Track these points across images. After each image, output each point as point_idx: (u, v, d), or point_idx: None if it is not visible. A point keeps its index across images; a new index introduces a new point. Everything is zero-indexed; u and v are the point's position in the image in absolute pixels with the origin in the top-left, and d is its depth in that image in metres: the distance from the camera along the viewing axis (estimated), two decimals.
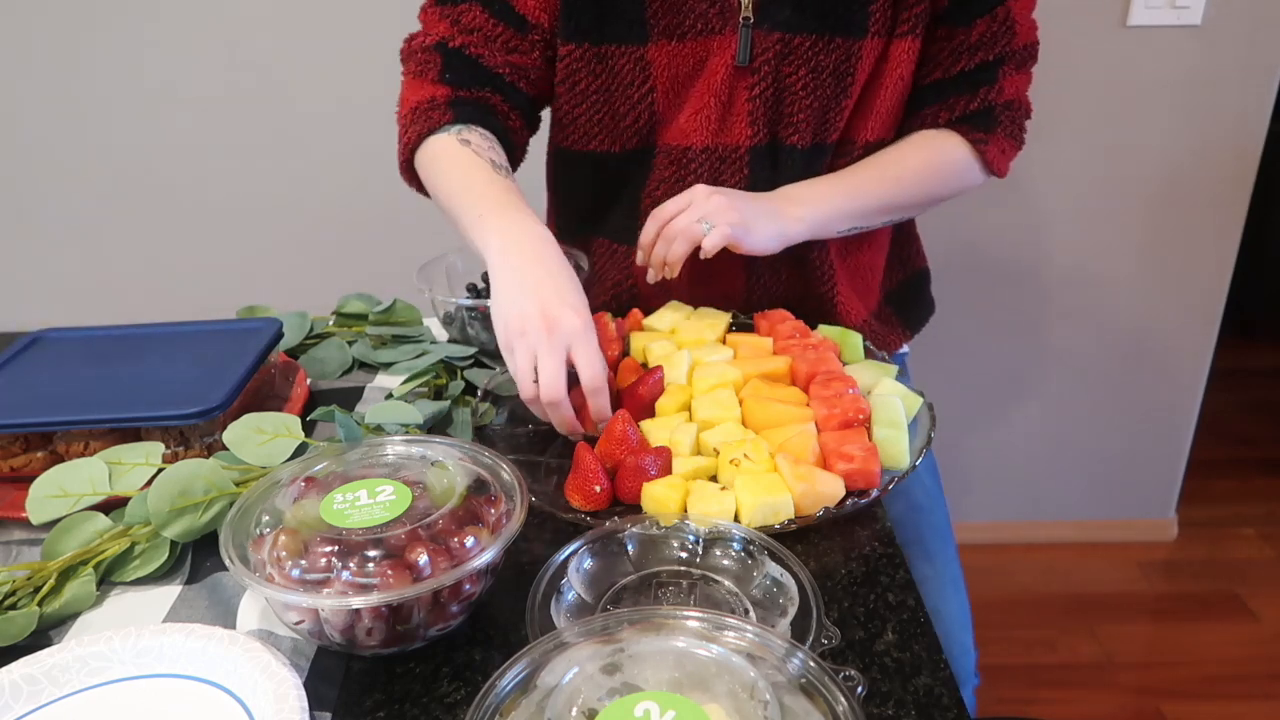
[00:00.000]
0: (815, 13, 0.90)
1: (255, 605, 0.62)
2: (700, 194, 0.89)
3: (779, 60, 0.92)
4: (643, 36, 0.93)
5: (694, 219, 0.87)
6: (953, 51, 0.95)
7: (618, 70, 0.95)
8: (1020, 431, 1.95)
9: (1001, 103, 0.97)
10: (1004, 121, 0.98)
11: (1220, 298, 1.80)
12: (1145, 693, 1.68)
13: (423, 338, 1.00)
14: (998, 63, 0.95)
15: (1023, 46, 0.96)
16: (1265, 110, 1.64)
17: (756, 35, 0.91)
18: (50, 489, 0.68)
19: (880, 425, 0.75)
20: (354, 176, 1.71)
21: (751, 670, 0.46)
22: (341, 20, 1.58)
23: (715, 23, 0.92)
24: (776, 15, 0.90)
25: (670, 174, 0.99)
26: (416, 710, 0.55)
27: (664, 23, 0.92)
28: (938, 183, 1.00)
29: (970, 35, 0.93)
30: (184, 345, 0.86)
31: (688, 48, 0.93)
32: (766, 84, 0.93)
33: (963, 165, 0.99)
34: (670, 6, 0.91)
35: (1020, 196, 1.71)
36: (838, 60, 0.92)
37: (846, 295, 1.05)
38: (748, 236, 0.88)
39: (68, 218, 1.73)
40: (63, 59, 1.60)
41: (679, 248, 0.88)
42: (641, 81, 0.95)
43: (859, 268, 1.07)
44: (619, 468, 0.72)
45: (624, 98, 0.96)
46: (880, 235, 1.08)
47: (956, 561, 0.97)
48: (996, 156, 0.99)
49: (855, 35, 0.91)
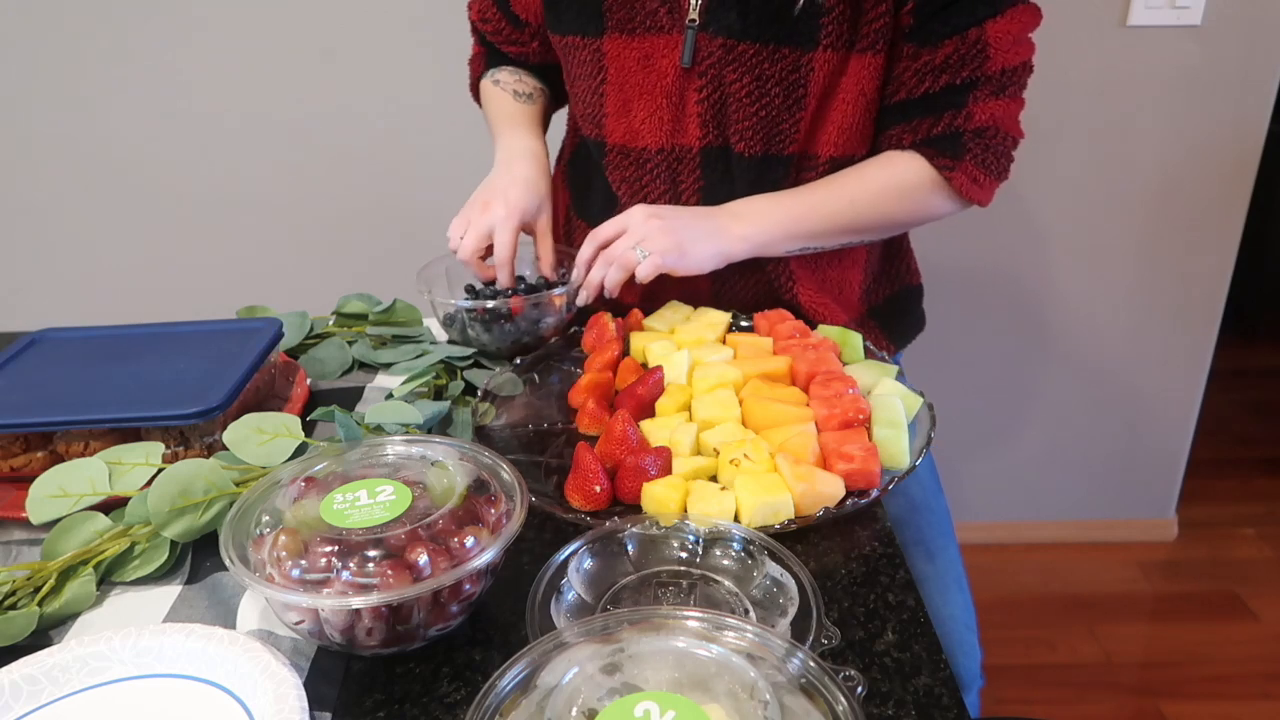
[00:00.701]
0: (759, 21, 0.89)
1: (255, 605, 0.62)
2: (637, 218, 0.91)
3: (721, 65, 0.92)
4: (599, 28, 0.96)
5: (630, 245, 0.89)
6: (916, 72, 0.91)
7: (580, 60, 0.99)
8: (1020, 431, 1.95)
9: (971, 129, 0.91)
10: (973, 149, 0.92)
11: (1220, 298, 1.80)
12: (1145, 693, 1.68)
13: (423, 338, 1.00)
14: (966, 87, 0.90)
15: (999, 72, 0.89)
16: (1265, 110, 1.64)
17: (701, 38, 0.92)
18: (50, 489, 0.68)
19: (880, 425, 0.75)
20: (354, 177, 1.71)
21: (751, 670, 0.46)
22: (342, 20, 1.58)
23: (665, 21, 0.93)
24: (722, 20, 0.90)
25: (631, 174, 1.01)
26: (416, 710, 0.55)
27: (617, 16, 0.94)
28: (896, 208, 0.96)
29: (935, 57, 0.89)
30: (184, 345, 0.86)
31: (636, 43, 0.94)
32: (711, 88, 0.93)
33: (924, 191, 0.95)
34: (624, 1, 0.93)
35: (1021, 196, 1.71)
36: (784, 70, 0.90)
37: (816, 300, 1.03)
38: (682, 260, 0.90)
39: (68, 218, 1.73)
40: (63, 59, 1.60)
41: (614, 274, 0.91)
42: (597, 72, 0.98)
43: (827, 281, 1.05)
44: (619, 468, 0.72)
45: (585, 87, 1.01)
46: (855, 252, 1.05)
47: (959, 561, 0.96)
48: (967, 185, 0.93)
49: (804, 47, 0.89)
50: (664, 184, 1.00)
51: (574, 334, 0.97)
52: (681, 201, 1.00)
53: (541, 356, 0.93)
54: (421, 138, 1.67)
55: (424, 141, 1.67)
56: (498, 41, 1.11)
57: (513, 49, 1.11)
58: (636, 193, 1.01)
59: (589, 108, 1.01)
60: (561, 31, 1.00)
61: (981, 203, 0.96)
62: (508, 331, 0.94)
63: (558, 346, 0.95)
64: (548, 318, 0.96)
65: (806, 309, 1.03)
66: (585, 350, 0.93)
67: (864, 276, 1.09)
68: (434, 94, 1.60)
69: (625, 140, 1.00)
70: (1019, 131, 0.95)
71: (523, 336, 0.95)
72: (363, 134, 1.67)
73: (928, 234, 1.19)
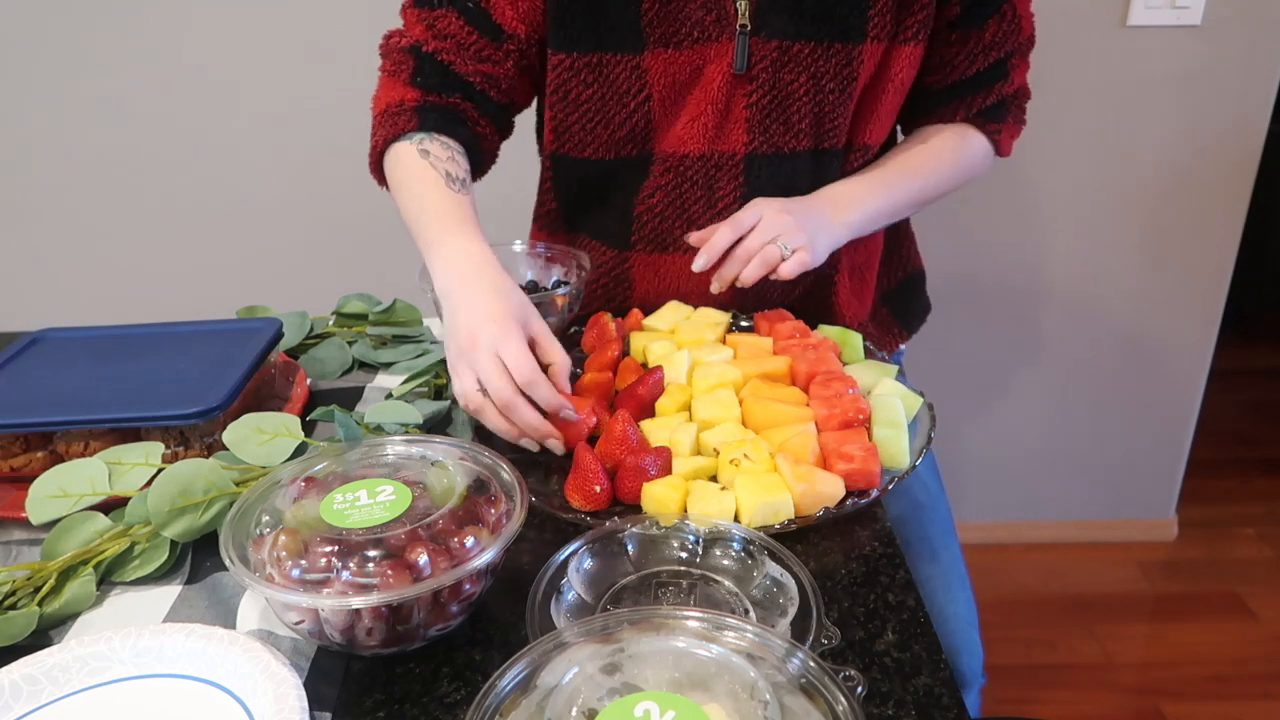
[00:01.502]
0: (813, 19, 0.90)
1: (255, 605, 0.62)
2: (770, 210, 0.90)
3: (777, 67, 0.92)
4: (638, 45, 0.92)
5: (767, 238, 0.89)
6: (968, 54, 0.97)
7: (613, 79, 0.93)
8: (1020, 431, 1.94)
9: (1010, 93, 1.02)
10: (1013, 109, 1.04)
11: (1220, 298, 1.80)
12: (1145, 693, 1.68)
13: (423, 338, 1.00)
14: (1008, 57, 0.98)
15: (1027, 39, 0.99)
16: (1265, 110, 1.64)
17: (754, 43, 0.91)
18: (50, 489, 0.68)
19: (880, 425, 0.75)
20: (354, 176, 1.69)
21: (751, 670, 0.46)
22: (341, 20, 1.58)
23: (712, 30, 0.91)
24: (774, 23, 0.90)
25: (667, 181, 0.99)
26: (416, 710, 0.55)
27: (659, 31, 0.91)
28: (959, 174, 1.04)
29: (984, 36, 0.96)
30: (184, 345, 0.86)
31: (684, 56, 0.92)
32: (764, 91, 0.93)
33: (981, 155, 1.04)
34: (666, 15, 0.90)
35: (1021, 196, 1.71)
36: (838, 65, 0.92)
37: (846, 299, 1.05)
38: (815, 256, 0.90)
39: (68, 218, 1.73)
40: (63, 59, 1.60)
41: (754, 270, 0.89)
42: (638, 90, 0.94)
43: (855, 268, 1.07)
44: (619, 468, 0.72)
45: (620, 106, 0.95)
46: (875, 235, 1.07)
47: (961, 559, 0.96)
48: (1007, 143, 1.05)
49: (854, 40, 0.91)
50: (700, 190, 0.98)
51: (574, 334, 0.96)
52: (719, 209, 0.98)
53: None
54: None
55: None
56: (458, 62, 0.93)
57: (482, 69, 0.94)
58: (674, 200, 0.99)
59: (622, 128, 0.96)
60: (584, 50, 0.92)
61: (1008, 153, 1.06)
62: None
63: None
64: (549, 318, 0.96)
65: (841, 296, 1.05)
66: (585, 350, 0.93)
67: (882, 259, 1.11)
68: None
69: (666, 148, 0.98)
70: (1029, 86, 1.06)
71: None
72: (363, 134, 1.67)
73: (927, 235, 1.20)
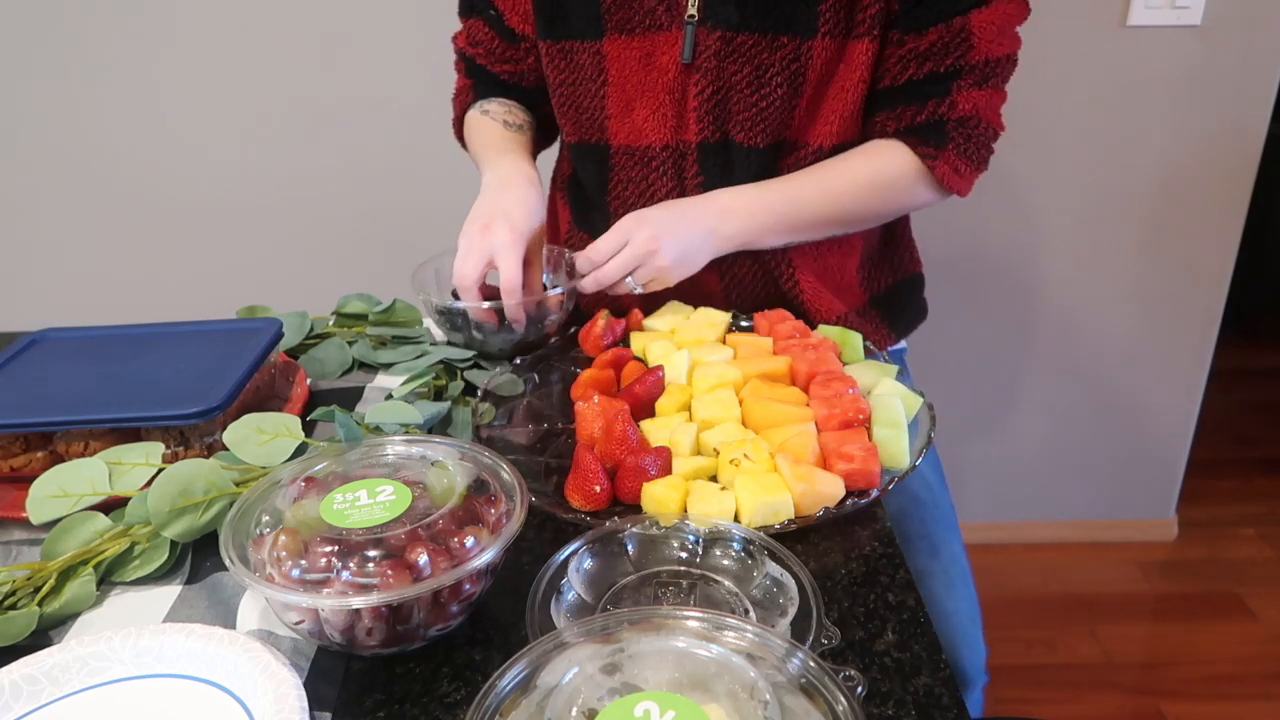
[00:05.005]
0: (758, 11, 0.90)
1: (255, 605, 0.62)
2: (640, 234, 0.90)
3: (722, 58, 0.92)
4: (599, 31, 0.96)
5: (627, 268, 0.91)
6: (902, 59, 0.92)
7: (580, 65, 0.99)
8: (1020, 431, 1.94)
9: (954, 118, 0.92)
10: (956, 139, 0.93)
11: (1220, 298, 1.80)
12: (1145, 693, 1.68)
13: (423, 338, 1.00)
14: (950, 75, 0.91)
15: (983, 62, 0.90)
16: (1265, 110, 1.64)
17: (700, 33, 0.92)
18: (50, 489, 0.68)
19: (880, 425, 0.75)
20: (354, 177, 1.71)
21: (751, 670, 0.46)
22: (341, 21, 1.58)
23: (663, 19, 0.93)
24: (721, 13, 0.91)
25: (636, 174, 1.01)
26: (416, 710, 0.55)
27: (617, 18, 0.95)
28: (879, 199, 0.97)
29: (920, 43, 0.90)
30: (184, 345, 0.86)
31: (636, 43, 0.95)
32: (708, 81, 0.94)
33: (909, 181, 0.95)
34: (622, 2, 0.94)
35: (1020, 197, 1.71)
36: (785, 59, 0.91)
37: (816, 292, 1.03)
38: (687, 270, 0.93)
39: (68, 218, 1.73)
40: (63, 59, 1.60)
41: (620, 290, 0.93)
42: (598, 75, 0.98)
43: (827, 269, 1.05)
44: (619, 468, 0.72)
45: (585, 91, 1.00)
46: (851, 240, 1.05)
47: (964, 556, 0.97)
48: (949, 175, 0.94)
49: (803, 35, 0.90)
50: (670, 180, 1.00)
51: (574, 334, 0.97)
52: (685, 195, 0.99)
53: (541, 356, 0.93)
54: (422, 138, 1.66)
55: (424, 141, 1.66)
56: (489, 63, 1.07)
57: (507, 68, 1.07)
58: (644, 192, 1.01)
59: (589, 113, 1.01)
60: (556, 37, 0.99)
61: (961, 193, 0.96)
62: (508, 332, 0.94)
63: (558, 346, 0.95)
64: (548, 317, 0.96)
65: (807, 296, 1.03)
66: (585, 351, 0.93)
67: (861, 264, 1.09)
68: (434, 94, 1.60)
69: (630, 141, 1.00)
70: (1000, 124, 0.96)
71: (523, 337, 0.95)
72: (363, 134, 1.67)
73: (927, 235, 1.19)
